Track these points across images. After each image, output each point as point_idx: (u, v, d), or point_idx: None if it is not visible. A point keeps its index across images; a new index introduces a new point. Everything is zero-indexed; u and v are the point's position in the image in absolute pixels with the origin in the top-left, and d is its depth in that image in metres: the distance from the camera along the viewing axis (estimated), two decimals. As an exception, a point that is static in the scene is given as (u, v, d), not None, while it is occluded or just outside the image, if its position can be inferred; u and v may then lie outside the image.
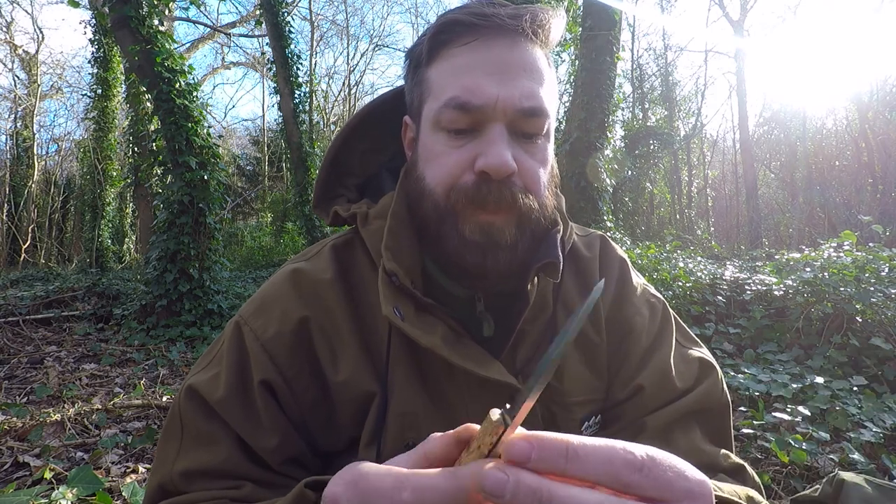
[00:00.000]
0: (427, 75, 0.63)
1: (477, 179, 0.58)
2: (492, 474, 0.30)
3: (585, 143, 6.69)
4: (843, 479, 0.81)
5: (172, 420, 0.64)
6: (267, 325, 0.65)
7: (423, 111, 0.63)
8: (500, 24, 0.58)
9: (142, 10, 5.07)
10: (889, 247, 3.91)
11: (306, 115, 9.99)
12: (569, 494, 0.29)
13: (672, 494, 0.30)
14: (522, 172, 0.59)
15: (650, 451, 0.31)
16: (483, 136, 0.58)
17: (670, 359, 0.68)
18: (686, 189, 16.28)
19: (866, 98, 12.47)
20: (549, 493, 0.29)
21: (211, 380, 0.63)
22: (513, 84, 0.58)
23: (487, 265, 0.60)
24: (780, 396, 2.48)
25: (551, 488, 0.29)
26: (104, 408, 2.88)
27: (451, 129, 0.59)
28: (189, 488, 0.59)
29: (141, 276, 6.67)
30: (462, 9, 0.61)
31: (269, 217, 16.34)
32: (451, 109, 0.58)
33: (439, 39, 0.61)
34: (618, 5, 6.83)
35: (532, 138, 0.60)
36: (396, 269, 0.60)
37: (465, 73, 0.59)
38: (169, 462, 0.61)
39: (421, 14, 26.36)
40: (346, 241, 0.72)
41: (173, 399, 0.66)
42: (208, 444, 0.60)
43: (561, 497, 0.29)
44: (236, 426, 0.60)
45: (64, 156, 20.47)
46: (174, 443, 0.62)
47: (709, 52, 18.87)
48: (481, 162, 0.57)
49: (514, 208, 0.59)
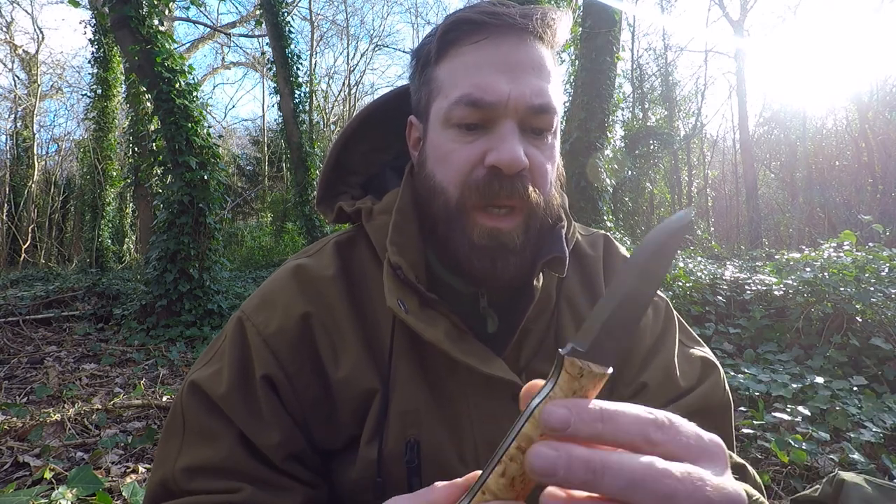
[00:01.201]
0: (435, 74, 0.63)
1: (488, 174, 0.58)
2: (542, 452, 0.29)
3: (585, 143, 6.69)
4: (843, 479, 0.81)
5: (174, 416, 0.64)
6: (269, 320, 0.65)
7: (432, 110, 0.64)
8: (511, 23, 0.59)
9: (142, 10, 5.07)
10: (889, 247, 3.91)
11: (306, 115, 10.00)
12: (619, 461, 0.29)
13: (690, 452, 0.31)
14: (532, 168, 0.60)
15: (668, 413, 0.32)
16: (494, 132, 0.59)
17: (674, 358, 0.68)
18: (686, 189, 16.29)
19: (866, 98, 12.48)
20: (601, 463, 0.29)
21: (213, 375, 0.63)
22: (523, 81, 0.58)
23: (497, 270, 0.60)
24: (780, 396, 2.48)
25: (603, 458, 0.29)
26: (104, 408, 2.88)
27: (461, 126, 0.60)
28: (190, 485, 0.59)
29: (141, 276, 6.67)
30: (471, 8, 0.62)
31: (269, 217, 16.35)
32: (463, 106, 0.59)
33: (448, 38, 0.62)
34: (618, 5, 6.83)
35: (541, 135, 0.61)
36: (401, 263, 0.61)
37: (475, 70, 0.59)
38: (171, 459, 0.61)
39: (421, 14, 26.41)
40: (349, 239, 0.72)
41: (175, 396, 0.66)
42: (211, 440, 0.60)
43: (613, 464, 0.29)
44: (239, 422, 0.60)
45: (64, 156, 20.48)
46: (176, 439, 0.62)
47: (709, 52, 18.90)
48: (493, 157, 0.58)
49: (525, 204, 0.59)
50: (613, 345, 0.33)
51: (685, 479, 0.29)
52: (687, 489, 0.29)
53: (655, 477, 0.29)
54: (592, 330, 0.33)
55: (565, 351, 0.33)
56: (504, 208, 0.60)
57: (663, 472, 0.29)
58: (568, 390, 0.32)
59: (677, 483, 0.29)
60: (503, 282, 0.62)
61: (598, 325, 0.33)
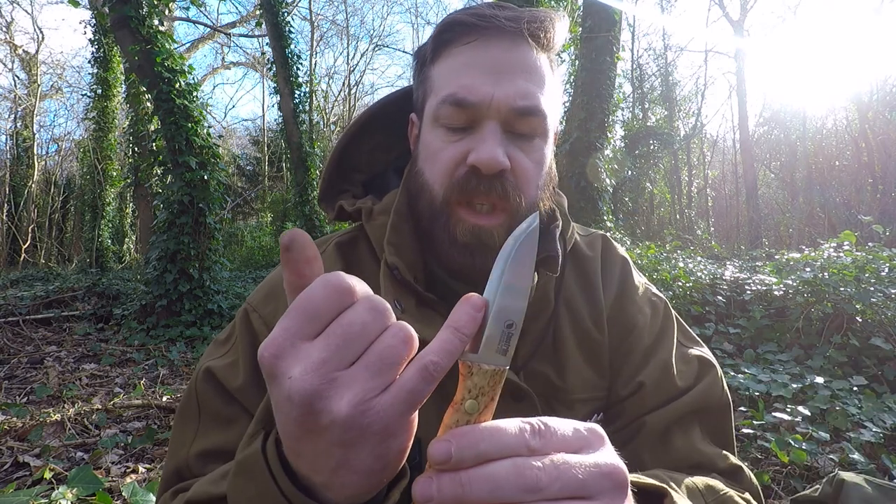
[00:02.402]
0: (430, 73, 0.65)
1: (468, 172, 0.59)
2: (419, 483, 0.33)
3: (585, 143, 6.70)
4: (843, 479, 0.81)
5: (189, 402, 0.64)
6: (276, 311, 0.66)
7: (426, 108, 0.65)
8: (500, 26, 0.60)
9: (142, 10, 5.08)
10: (889, 247, 3.91)
11: (306, 115, 10.00)
12: (482, 469, 0.32)
13: (570, 446, 0.34)
14: (516, 171, 0.60)
15: (542, 418, 0.35)
16: (477, 132, 0.60)
17: (672, 357, 0.69)
18: (686, 189, 16.29)
19: (866, 98, 12.48)
20: (467, 476, 0.32)
21: (229, 366, 0.64)
22: (509, 83, 0.59)
23: (477, 265, 0.61)
24: (780, 396, 2.47)
25: (469, 472, 0.32)
26: (104, 408, 2.88)
27: (447, 125, 0.61)
28: (205, 470, 0.59)
29: (141, 276, 6.67)
30: (465, 10, 0.63)
31: (269, 217, 16.35)
32: (448, 106, 0.60)
33: (442, 39, 0.63)
34: (618, 5, 6.83)
35: (527, 138, 0.61)
36: (398, 263, 0.61)
37: (463, 71, 0.60)
38: (186, 444, 0.61)
39: (421, 14, 26.43)
40: (351, 239, 0.73)
41: (188, 384, 0.67)
42: (227, 424, 0.61)
43: (476, 474, 0.32)
44: (256, 411, 0.61)
45: (64, 156, 20.48)
46: (192, 424, 0.63)
47: (709, 52, 18.90)
48: (472, 157, 0.58)
49: (507, 205, 0.60)
50: (504, 341, 0.36)
51: (547, 466, 0.32)
52: (550, 475, 0.32)
53: (517, 473, 0.32)
54: (478, 332, 0.36)
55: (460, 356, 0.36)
56: (485, 205, 0.60)
57: (523, 466, 0.32)
58: (465, 390, 0.36)
59: (539, 472, 0.32)
60: (483, 278, 0.62)
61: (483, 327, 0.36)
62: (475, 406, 0.35)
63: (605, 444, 0.36)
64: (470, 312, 0.35)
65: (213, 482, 0.52)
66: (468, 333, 0.35)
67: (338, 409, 0.32)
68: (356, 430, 0.33)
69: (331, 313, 0.34)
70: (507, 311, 0.36)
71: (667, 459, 0.62)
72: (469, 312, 0.35)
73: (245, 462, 0.43)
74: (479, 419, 0.35)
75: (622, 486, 0.34)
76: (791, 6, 18.62)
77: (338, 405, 0.32)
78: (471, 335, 0.35)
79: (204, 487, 0.52)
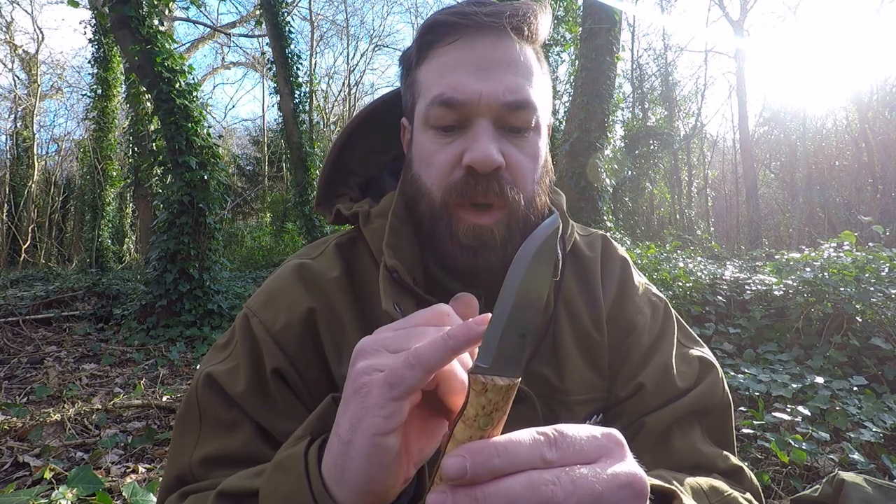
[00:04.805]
0: (417, 76, 0.64)
1: (465, 174, 0.59)
2: (432, 499, 0.33)
3: (585, 143, 6.69)
4: (843, 479, 0.81)
5: (189, 409, 0.64)
6: (276, 316, 0.66)
7: (416, 111, 0.64)
8: (481, 23, 0.59)
9: (142, 10, 5.08)
10: (889, 247, 3.91)
11: (306, 115, 10.00)
12: (497, 485, 0.32)
13: (587, 456, 0.34)
14: (511, 166, 0.60)
15: (557, 427, 0.34)
16: (469, 131, 0.60)
17: (672, 358, 0.68)
18: (686, 189, 16.27)
19: (866, 98, 12.46)
20: (482, 492, 0.32)
21: (230, 372, 0.64)
22: (496, 79, 0.59)
23: (479, 263, 0.61)
24: (780, 396, 2.47)
25: (484, 487, 0.32)
26: (104, 408, 2.88)
27: (438, 126, 0.61)
28: (207, 476, 0.59)
29: (141, 276, 6.67)
30: (446, 10, 0.63)
31: (268, 217, 16.35)
32: (437, 107, 0.60)
33: (426, 40, 0.63)
34: (618, 5, 6.82)
35: (520, 132, 0.61)
36: (397, 266, 0.61)
37: (449, 70, 0.60)
38: (188, 450, 0.61)
39: (421, 14, 26.35)
40: (350, 240, 0.73)
41: (187, 390, 0.67)
42: (229, 430, 0.61)
43: (491, 490, 0.32)
44: (258, 417, 0.61)
45: (64, 156, 20.47)
46: (193, 430, 0.63)
47: (709, 52, 18.90)
48: (467, 157, 0.58)
49: (504, 202, 0.60)
50: (517, 353, 0.35)
51: (563, 480, 0.32)
52: (566, 489, 0.31)
53: (532, 488, 0.31)
54: (492, 344, 0.34)
55: (469, 369, 0.34)
56: (484, 205, 0.60)
57: (539, 482, 0.32)
58: (478, 406, 0.34)
59: (555, 488, 0.31)
60: (486, 277, 0.63)
61: (496, 339, 0.34)
62: (489, 422, 0.34)
63: (624, 449, 0.35)
64: (470, 327, 0.37)
65: (247, 477, 0.53)
66: (457, 335, 0.37)
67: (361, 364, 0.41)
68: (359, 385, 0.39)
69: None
70: (521, 323, 0.35)
71: (667, 460, 0.62)
72: (469, 327, 0.37)
73: (285, 460, 0.45)
74: (492, 433, 0.35)
75: (641, 495, 0.34)
76: (791, 6, 18.60)
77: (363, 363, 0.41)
78: (461, 335, 0.36)
79: (238, 481, 0.53)
